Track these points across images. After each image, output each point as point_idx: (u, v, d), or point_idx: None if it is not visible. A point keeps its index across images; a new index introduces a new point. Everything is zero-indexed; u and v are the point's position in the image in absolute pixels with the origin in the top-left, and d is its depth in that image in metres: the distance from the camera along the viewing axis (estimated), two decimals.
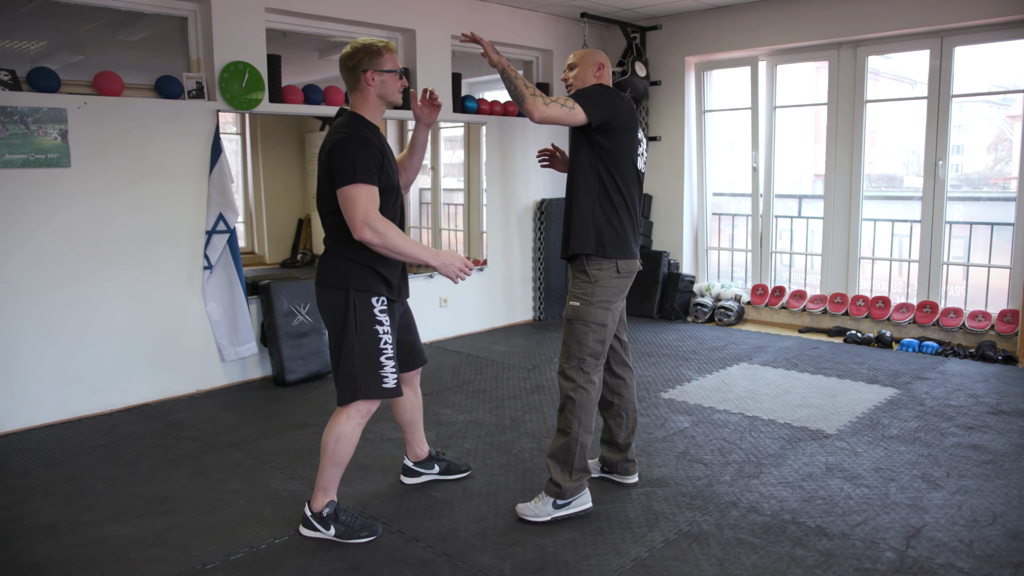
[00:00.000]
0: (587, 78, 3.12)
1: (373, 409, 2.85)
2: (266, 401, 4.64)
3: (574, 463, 2.99)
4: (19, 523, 3.07)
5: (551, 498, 2.99)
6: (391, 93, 2.81)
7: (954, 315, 5.79)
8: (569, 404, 2.99)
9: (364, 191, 2.63)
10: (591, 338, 2.99)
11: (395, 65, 2.80)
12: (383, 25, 5.66)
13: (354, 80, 2.78)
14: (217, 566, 2.72)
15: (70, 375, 4.31)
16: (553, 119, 2.90)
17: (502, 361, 5.51)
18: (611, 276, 3.02)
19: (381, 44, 2.78)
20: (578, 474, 3.00)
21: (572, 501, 3.01)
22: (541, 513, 2.99)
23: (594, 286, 3.00)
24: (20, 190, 4.08)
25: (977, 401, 4.45)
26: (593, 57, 3.16)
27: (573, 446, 2.98)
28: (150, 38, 4.82)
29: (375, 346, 2.78)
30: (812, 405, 4.41)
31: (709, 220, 7.32)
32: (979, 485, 3.30)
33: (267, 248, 5.53)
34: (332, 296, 2.79)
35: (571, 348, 3.02)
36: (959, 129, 6.14)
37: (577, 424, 2.98)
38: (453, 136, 6.54)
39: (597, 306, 3.00)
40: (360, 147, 2.65)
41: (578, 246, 3.02)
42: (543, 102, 2.87)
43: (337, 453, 2.82)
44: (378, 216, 2.64)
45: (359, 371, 2.76)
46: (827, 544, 2.80)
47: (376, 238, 2.62)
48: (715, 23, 6.70)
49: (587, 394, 2.99)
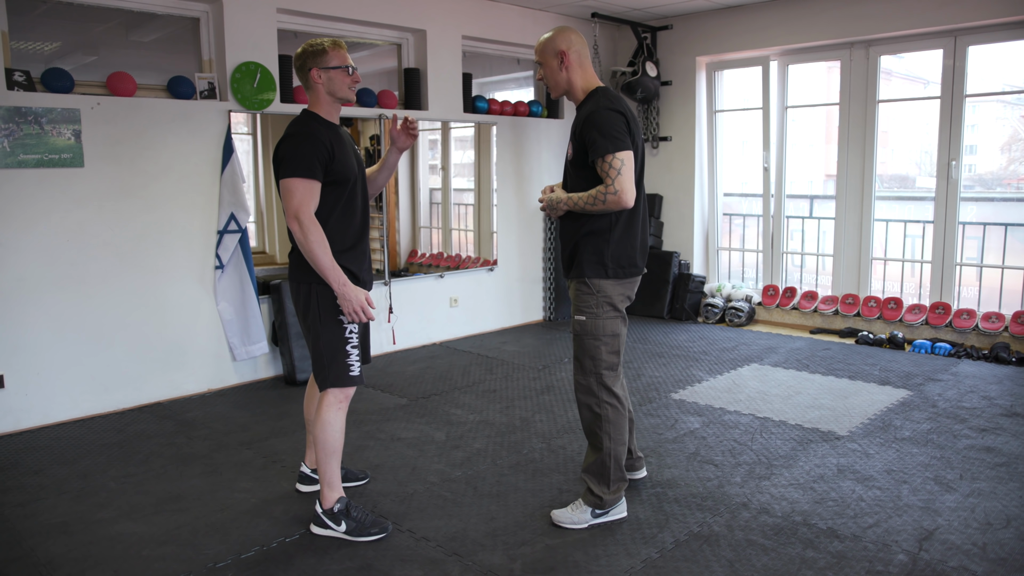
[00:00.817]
0: (557, 77, 2.90)
1: (350, 394, 2.92)
2: (277, 400, 4.66)
3: (611, 476, 2.94)
4: (33, 520, 3.09)
5: (590, 507, 2.96)
6: (340, 89, 2.83)
7: (967, 316, 5.75)
8: (596, 421, 2.92)
9: (301, 185, 2.70)
10: (604, 351, 2.90)
11: (342, 62, 2.82)
12: (393, 25, 5.68)
13: (304, 79, 2.85)
14: (228, 564, 2.73)
15: (83, 373, 4.34)
16: (629, 193, 2.70)
17: (512, 361, 5.51)
18: (612, 284, 2.91)
19: (328, 42, 2.83)
20: (616, 485, 2.97)
21: (610, 510, 2.99)
22: (579, 521, 2.95)
23: (597, 296, 2.89)
24: (34, 190, 4.11)
25: (991, 403, 4.42)
26: (551, 45, 2.87)
27: (608, 461, 2.93)
28: (162, 39, 4.85)
29: (340, 336, 2.86)
30: (823, 406, 4.39)
31: (720, 220, 7.30)
32: (993, 488, 3.27)
33: (278, 248, 5.54)
34: (299, 290, 2.87)
35: (585, 364, 2.93)
36: (972, 129, 6.10)
37: (608, 439, 2.91)
38: (464, 136, 6.55)
39: (604, 317, 2.89)
40: (304, 142, 2.72)
41: (592, 271, 2.87)
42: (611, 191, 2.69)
43: (327, 442, 2.87)
44: (310, 215, 2.71)
45: (326, 360, 2.85)
46: (839, 546, 2.79)
47: (300, 234, 2.69)
48: (726, 23, 6.67)
49: (612, 408, 2.91)
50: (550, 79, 2.92)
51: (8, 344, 4.08)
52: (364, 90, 5.51)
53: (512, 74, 7.10)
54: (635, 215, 2.92)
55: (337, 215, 2.83)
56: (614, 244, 2.87)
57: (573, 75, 2.90)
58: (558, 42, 2.86)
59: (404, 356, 5.68)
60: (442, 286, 6.16)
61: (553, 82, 2.92)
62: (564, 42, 2.86)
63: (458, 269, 6.35)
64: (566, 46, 2.86)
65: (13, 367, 4.11)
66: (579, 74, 2.90)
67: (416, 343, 5.99)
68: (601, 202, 2.74)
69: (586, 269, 2.88)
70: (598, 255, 2.87)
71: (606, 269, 2.88)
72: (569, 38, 2.88)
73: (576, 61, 2.88)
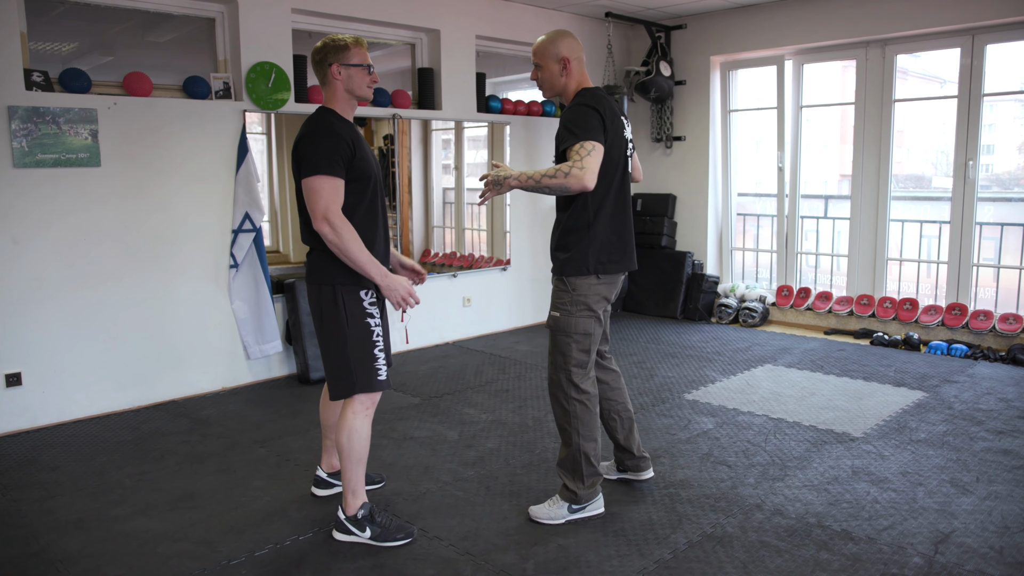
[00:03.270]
0: (554, 82, 2.91)
1: (376, 400, 2.87)
2: (291, 399, 4.68)
3: (583, 472, 2.97)
4: (49, 516, 3.12)
5: (566, 503, 2.99)
6: (358, 87, 2.80)
7: (984, 317, 5.69)
8: (565, 416, 2.96)
9: (327, 183, 2.63)
10: (574, 348, 2.92)
11: (362, 60, 2.78)
12: (407, 25, 5.69)
13: (322, 74, 2.80)
14: (242, 562, 2.74)
15: (99, 372, 4.38)
16: (591, 173, 2.66)
17: (525, 361, 5.51)
18: (590, 283, 2.90)
19: (350, 39, 2.78)
20: (590, 479, 2.99)
21: (587, 506, 3.01)
22: (556, 516, 2.98)
23: (572, 295, 2.90)
24: (52, 189, 4.14)
25: (1008, 405, 4.37)
26: (554, 50, 2.87)
27: (578, 456, 2.96)
28: (178, 39, 4.88)
29: (368, 339, 2.80)
30: (838, 407, 4.36)
31: (734, 220, 7.27)
32: (1010, 491, 3.24)
33: (292, 247, 5.57)
34: (321, 292, 2.78)
35: (556, 359, 2.95)
36: (990, 128, 6.04)
37: (576, 435, 2.94)
38: (477, 136, 6.55)
39: (578, 316, 2.90)
40: (326, 139, 2.66)
41: (571, 268, 2.88)
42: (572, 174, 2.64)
43: (353, 450, 2.82)
44: (339, 213, 2.64)
45: (354, 365, 2.78)
46: (853, 548, 2.77)
47: (332, 235, 2.62)
48: (741, 22, 6.65)
49: (580, 404, 2.94)
50: (547, 82, 2.94)
51: (26, 342, 4.12)
52: (378, 90, 5.52)
53: (526, 74, 7.09)
54: (617, 211, 2.93)
55: (361, 214, 2.77)
56: (595, 240, 2.88)
57: (571, 81, 2.94)
58: (562, 48, 2.88)
59: (417, 355, 5.69)
60: (455, 286, 6.17)
61: (549, 85, 2.95)
62: (568, 49, 2.89)
63: (471, 269, 6.36)
64: (570, 53, 2.89)
65: (31, 365, 4.15)
66: (575, 80, 2.94)
67: (429, 342, 6.00)
68: (562, 176, 2.66)
69: (566, 267, 2.91)
70: (579, 252, 2.89)
71: (588, 266, 2.88)
72: (572, 45, 2.90)
73: (576, 68, 2.92)
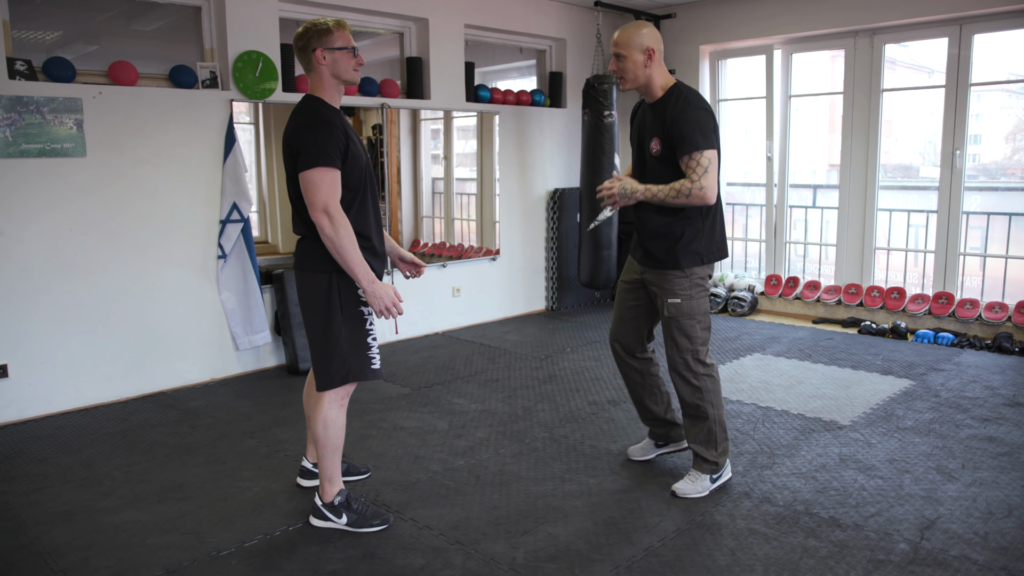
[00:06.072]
0: (638, 73, 2.94)
1: (351, 391, 2.86)
2: (280, 389, 4.67)
3: (717, 439, 3.13)
4: (37, 509, 3.11)
5: (706, 475, 3.13)
6: (345, 71, 2.74)
7: (970, 306, 5.74)
8: (697, 393, 3.08)
9: (327, 175, 2.61)
10: (698, 328, 3.06)
11: (347, 42, 2.73)
12: (396, 14, 5.65)
13: (307, 61, 2.74)
14: (232, 552, 2.74)
15: (86, 363, 4.35)
16: (711, 190, 2.85)
17: (515, 351, 5.52)
18: (704, 268, 3.09)
19: (332, 22, 2.73)
20: (722, 446, 3.15)
21: (722, 473, 3.19)
22: (701, 489, 3.12)
23: (691, 279, 3.04)
24: (37, 180, 4.10)
25: (993, 393, 4.41)
26: (639, 40, 2.91)
27: (714, 427, 3.11)
28: (164, 28, 4.83)
29: (362, 327, 2.78)
30: (826, 396, 4.39)
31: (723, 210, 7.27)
32: (995, 477, 3.27)
33: (281, 237, 5.54)
34: (314, 280, 2.76)
35: (681, 343, 3.06)
36: (977, 118, 6.08)
37: (711, 407, 3.09)
38: (466, 126, 6.53)
39: (698, 297, 3.06)
40: (322, 130, 2.63)
41: (687, 262, 3.01)
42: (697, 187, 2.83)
43: (328, 439, 2.83)
44: (339, 207, 2.62)
45: (347, 354, 2.76)
46: (840, 535, 2.79)
47: (329, 228, 2.59)
48: (730, 11, 6.64)
49: (709, 378, 3.09)
50: (630, 72, 2.96)
51: (11, 334, 4.09)
52: (366, 79, 5.49)
53: (515, 63, 7.07)
54: (719, 207, 3.10)
55: (355, 204, 2.74)
56: (707, 236, 3.04)
57: (655, 72, 2.98)
58: (647, 39, 2.93)
59: (407, 346, 5.69)
60: (445, 276, 6.16)
61: (633, 76, 2.97)
62: (653, 40, 2.94)
63: (460, 259, 6.35)
64: (655, 44, 2.94)
65: (17, 356, 4.12)
66: (660, 71, 3.00)
67: (419, 332, 6.00)
68: (685, 196, 2.85)
69: (682, 260, 3.02)
70: (695, 247, 3.02)
71: (701, 258, 3.04)
72: (656, 36, 2.97)
73: (659, 59, 2.98)
